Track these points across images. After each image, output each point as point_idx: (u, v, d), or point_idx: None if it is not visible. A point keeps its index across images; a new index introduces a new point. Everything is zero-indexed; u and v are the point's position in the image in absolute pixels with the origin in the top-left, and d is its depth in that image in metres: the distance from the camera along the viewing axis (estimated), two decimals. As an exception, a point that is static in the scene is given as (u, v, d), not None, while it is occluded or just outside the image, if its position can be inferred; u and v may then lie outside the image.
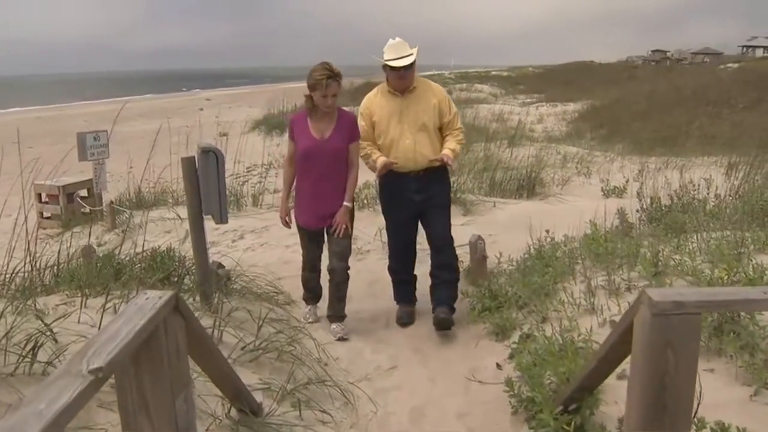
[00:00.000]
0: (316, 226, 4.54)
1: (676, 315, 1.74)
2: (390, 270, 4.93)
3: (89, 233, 8.26)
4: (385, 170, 4.53)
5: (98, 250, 6.28)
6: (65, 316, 3.42)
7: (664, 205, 5.90)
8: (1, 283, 4.02)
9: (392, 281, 4.92)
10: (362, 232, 6.53)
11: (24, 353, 2.74)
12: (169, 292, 1.90)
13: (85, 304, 3.67)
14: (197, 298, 4.10)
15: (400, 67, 4.38)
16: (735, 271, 3.52)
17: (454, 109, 4.70)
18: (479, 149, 12.29)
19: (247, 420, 2.86)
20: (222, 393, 2.76)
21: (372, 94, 4.72)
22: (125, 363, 1.79)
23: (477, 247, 5.06)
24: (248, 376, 3.30)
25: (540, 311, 4.03)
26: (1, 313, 3.05)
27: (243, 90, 58.30)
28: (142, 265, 4.74)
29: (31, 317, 3.21)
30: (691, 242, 4.45)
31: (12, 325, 2.95)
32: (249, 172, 12.52)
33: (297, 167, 4.52)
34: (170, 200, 9.18)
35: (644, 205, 5.96)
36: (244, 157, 12.22)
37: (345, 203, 4.45)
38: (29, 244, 4.48)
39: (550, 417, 2.83)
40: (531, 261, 4.93)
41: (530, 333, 3.82)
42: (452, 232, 4.76)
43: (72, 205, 9.57)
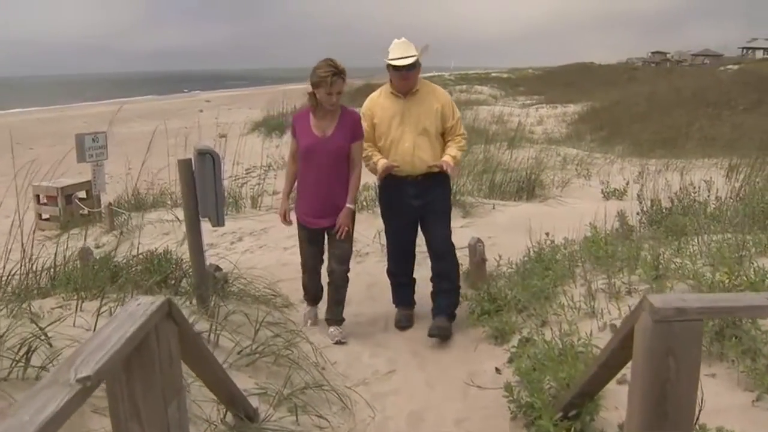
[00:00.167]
0: (317, 226, 4.46)
1: (678, 322, 1.71)
2: (389, 273, 4.89)
3: (88, 235, 8.28)
4: (385, 173, 4.46)
5: (96, 252, 6.26)
6: (60, 320, 3.39)
7: (665, 208, 5.86)
8: (-2, 285, 3.99)
9: (391, 284, 4.89)
10: (361, 235, 6.48)
11: (18, 358, 2.70)
12: (162, 298, 1.87)
13: (81, 307, 3.63)
14: (194, 302, 4.07)
15: (402, 67, 4.31)
16: (736, 275, 3.49)
17: (458, 114, 4.63)
18: (479, 151, 12.26)
19: (242, 426, 2.83)
20: (217, 398, 2.72)
21: (375, 95, 4.65)
22: (116, 370, 1.76)
23: (476, 249, 5.03)
24: (244, 381, 3.26)
25: (540, 315, 4.00)
26: (-5, 317, 3.02)
27: (243, 92, 58.27)
28: (139, 268, 4.71)
29: (26, 321, 3.17)
30: (692, 245, 4.42)
31: (6, 328, 2.92)
32: (248, 173, 12.50)
33: (299, 165, 4.45)
34: (169, 202, 9.16)
35: (644, 208, 5.93)
36: (243, 158, 12.20)
37: (348, 205, 4.39)
38: (23, 247, 4.45)
39: (550, 423, 2.79)
40: (530, 264, 4.89)
41: (530, 337, 3.79)
42: (452, 236, 4.70)
43: (70, 207, 9.56)
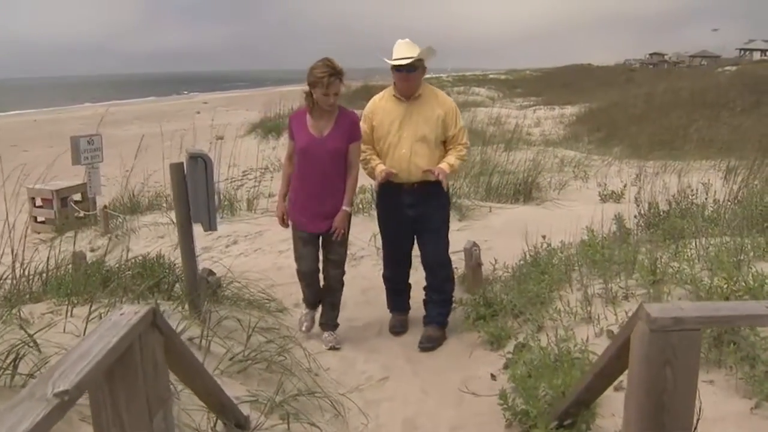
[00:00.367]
0: (315, 229, 4.34)
1: (676, 331, 1.66)
2: (384, 278, 4.84)
3: (83, 238, 8.23)
4: (383, 180, 4.35)
5: (91, 255, 6.21)
6: (50, 326, 3.34)
7: (662, 211, 5.82)
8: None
9: (386, 289, 4.85)
10: (357, 238, 6.44)
11: (5, 365, 2.65)
12: (146, 307, 1.82)
13: (71, 312, 3.58)
14: (186, 307, 4.01)
15: (402, 68, 4.22)
16: (735, 280, 3.45)
17: (461, 123, 4.49)
18: (476, 153, 12.20)
19: (233, 434, 2.78)
20: (207, 407, 2.68)
21: (377, 97, 4.56)
22: (99, 380, 1.71)
23: (472, 253, 4.98)
24: (236, 388, 3.21)
25: (536, 320, 3.95)
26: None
27: (241, 93, 58.22)
28: (131, 273, 4.66)
29: (15, 327, 3.12)
30: (690, 249, 4.37)
31: (-6, 335, 2.87)
32: (244, 176, 12.44)
33: (295, 166, 4.35)
34: (164, 205, 9.10)
35: (642, 211, 5.88)
36: (240, 160, 12.14)
37: (344, 208, 4.29)
38: (13, 250, 4.40)
39: (545, 431, 2.75)
40: (527, 268, 4.85)
41: (525, 342, 3.74)
42: (449, 240, 4.63)
43: (66, 210, 9.51)
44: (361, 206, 7.82)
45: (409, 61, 4.19)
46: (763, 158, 8.73)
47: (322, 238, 4.40)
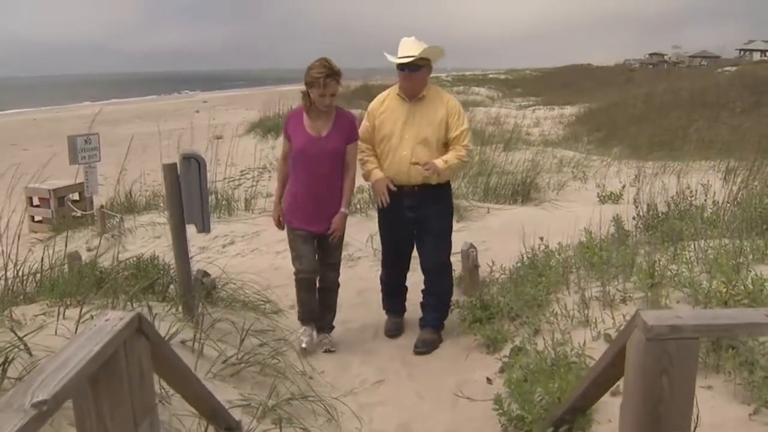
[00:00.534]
0: (316, 231, 4.24)
1: (672, 340, 1.62)
2: (381, 280, 4.80)
3: (80, 238, 8.19)
4: (378, 187, 4.27)
5: (87, 255, 6.17)
6: (42, 328, 3.30)
7: (661, 212, 5.78)
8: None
9: (382, 291, 4.80)
10: (353, 239, 6.40)
11: (-7, 369, 2.61)
12: (131, 313, 1.78)
13: (64, 314, 3.54)
14: (180, 309, 3.97)
15: (405, 66, 4.12)
16: (734, 284, 3.41)
17: (464, 126, 4.30)
18: (474, 153, 12.16)
19: (224, 439, 2.74)
20: (198, 412, 2.64)
21: (383, 95, 4.46)
22: (82, 387, 1.67)
23: (469, 255, 4.94)
24: (228, 392, 3.17)
25: (532, 323, 3.91)
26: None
27: (240, 92, 58.12)
28: (126, 274, 4.62)
29: (6, 329, 3.08)
30: (689, 251, 4.33)
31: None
32: (243, 175, 12.40)
33: (291, 167, 4.25)
34: (161, 204, 9.06)
35: (641, 212, 5.84)
36: (239, 160, 12.10)
37: (342, 209, 4.23)
38: (6, 251, 4.37)
39: (541, 437, 2.71)
40: (524, 270, 4.81)
41: (522, 346, 3.70)
42: (450, 246, 4.56)
43: (63, 209, 9.47)
44: (358, 206, 7.78)
45: (411, 60, 4.09)
46: (762, 159, 8.68)
47: (318, 241, 4.32)
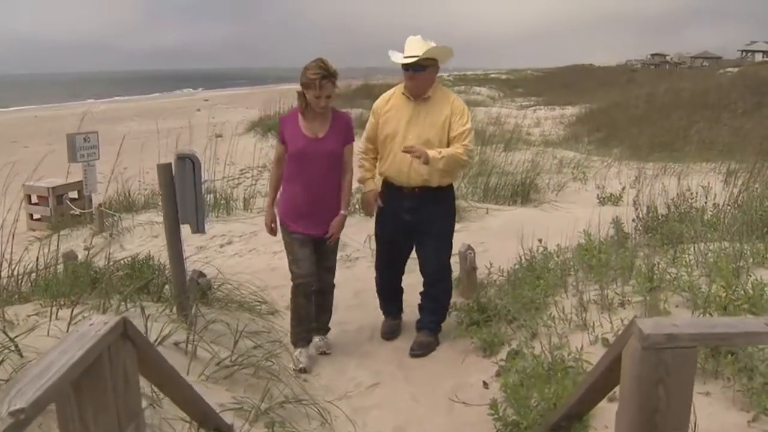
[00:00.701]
0: (314, 234, 4.14)
1: (669, 349, 1.58)
2: (376, 282, 4.73)
3: (78, 236, 8.16)
4: (366, 199, 4.39)
5: (85, 254, 6.13)
6: (34, 328, 3.27)
7: (661, 215, 5.73)
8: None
9: (377, 293, 4.74)
10: (351, 239, 6.36)
11: (-17, 370, 2.58)
12: (116, 318, 1.74)
13: (57, 315, 3.51)
14: (174, 310, 3.94)
15: (408, 66, 4.02)
16: (733, 288, 3.37)
17: (466, 126, 4.12)
18: (475, 154, 12.12)
19: (215, 444, 2.70)
20: (188, 416, 2.60)
21: (388, 94, 4.36)
22: (66, 392, 1.64)
23: (466, 257, 4.90)
24: (221, 395, 3.14)
25: (530, 326, 3.86)
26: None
27: (242, 91, 58.09)
28: (120, 274, 4.58)
29: (-2, 330, 3.05)
30: (688, 254, 4.29)
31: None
32: (242, 174, 12.38)
33: (287, 170, 4.14)
34: (159, 203, 9.02)
35: (640, 214, 5.80)
36: (238, 159, 12.07)
37: (341, 211, 4.14)
38: (1, 249, 4.34)
39: (536, 444, 2.68)
40: (522, 272, 4.76)
41: (519, 350, 3.66)
42: (451, 251, 4.50)
43: (61, 207, 9.45)
44: (356, 206, 7.74)
45: (413, 60, 3.98)
46: (763, 161, 8.64)
47: (315, 244, 4.21)
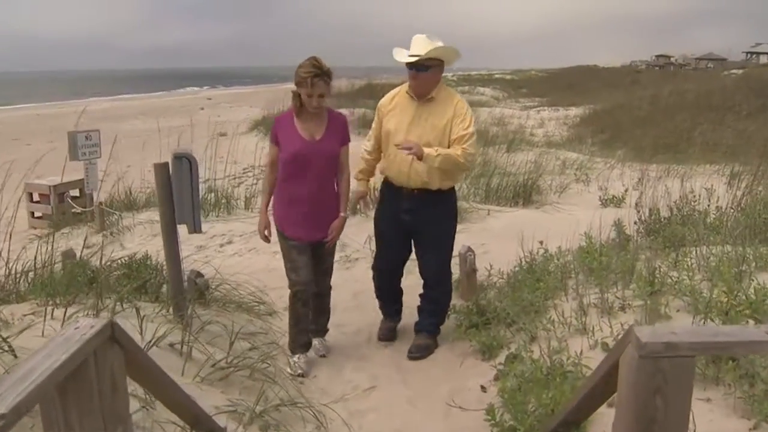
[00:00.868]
0: (310, 238, 4.03)
1: (667, 358, 1.54)
2: (374, 283, 4.65)
3: (78, 235, 8.13)
4: (354, 197, 4.46)
5: (84, 253, 6.10)
6: (29, 328, 3.25)
7: (663, 217, 5.69)
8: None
9: (376, 295, 4.67)
10: (351, 240, 6.33)
11: (-26, 371, 2.56)
12: (104, 321, 1.71)
13: (53, 314, 3.48)
14: (171, 310, 3.91)
15: (411, 65, 3.95)
16: (735, 294, 3.32)
17: (466, 130, 3.98)
18: (477, 158, 12.07)
19: (208, 448, 2.67)
20: (180, 419, 2.57)
21: (393, 92, 4.30)
22: (50, 394, 1.60)
23: (466, 259, 4.85)
24: (216, 397, 3.11)
25: (529, 330, 3.82)
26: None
27: (246, 89, 58.13)
28: (117, 273, 4.56)
29: (-8, 329, 3.03)
30: (690, 258, 4.24)
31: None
32: (245, 173, 12.37)
33: (283, 173, 4.01)
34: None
35: (642, 217, 5.75)
36: (242, 158, 12.04)
37: (341, 213, 4.06)
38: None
39: (533, 450, 2.64)
40: (522, 274, 4.72)
41: (517, 353, 3.62)
42: (451, 255, 4.44)
43: (63, 205, 9.43)
44: (358, 207, 7.70)
45: (416, 60, 3.91)
46: (767, 163, 8.57)
47: (312, 248, 4.11)
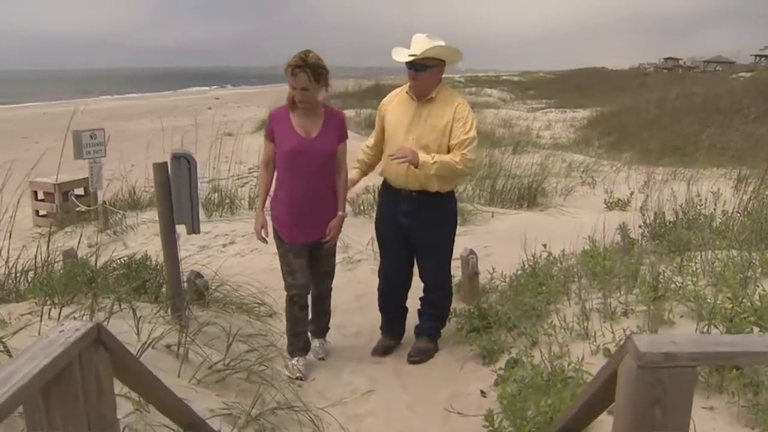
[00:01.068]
0: (307, 239, 3.96)
1: (667, 368, 1.49)
2: (378, 293, 4.50)
3: (82, 234, 8.13)
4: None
5: (88, 252, 6.09)
6: (25, 327, 3.22)
7: (669, 221, 5.62)
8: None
9: (379, 310, 4.52)
10: (354, 240, 6.30)
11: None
12: (89, 324, 1.68)
13: (50, 314, 3.46)
14: (169, 311, 3.88)
15: (410, 65, 3.87)
16: (740, 300, 3.26)
17: (467, 135, 3.85)
18: (483, 155, 11.99)
19: (202, 452, 2.63)
20: (173, 422, 2.53)
21: (395, 92, 4.23)
22: (34, 397, 1.57)
23: (468, 262, 4.80)
24: (211, 400, 3.07)
25: (530, 334, 3.76)
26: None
27: (253, 89, 58.20)
28: (117, 273, 4.53)
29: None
30: (695, 262, 4.18)
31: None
32: (250, 173, 12.36)
33: (280, 172, 3.90)
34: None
35: (647, 221, 5.68)
36: (248, 157, 12.03)
37: (339, 213, 3.99)
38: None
39: (532, 458, 2.59)
40: (524, 278, 4.66)
41: (518, 358, 3.56)
42: (450, 259, 4.37)
43: (67, 204, 9.44)
44: (362, 207, 7.67)
45: (413, 59, 3.83)
46: (775, 168, 8.48)
47: (311, 250, 4.03)
